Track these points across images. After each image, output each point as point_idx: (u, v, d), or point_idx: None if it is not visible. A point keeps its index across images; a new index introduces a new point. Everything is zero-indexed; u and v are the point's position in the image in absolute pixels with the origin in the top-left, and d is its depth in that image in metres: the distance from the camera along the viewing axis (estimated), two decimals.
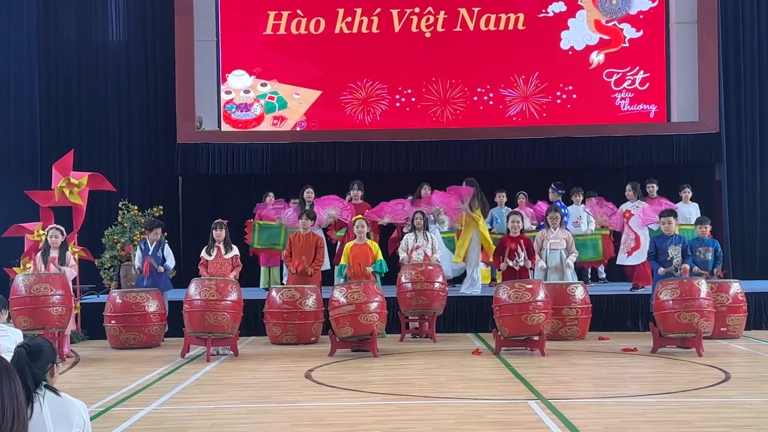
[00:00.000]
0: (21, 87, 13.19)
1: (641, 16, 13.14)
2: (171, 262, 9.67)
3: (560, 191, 11.05)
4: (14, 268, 9.77)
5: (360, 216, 9.39)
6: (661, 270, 8.63)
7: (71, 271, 8.73)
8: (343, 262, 9.16)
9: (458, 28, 13.07)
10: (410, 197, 10.97)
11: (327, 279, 10.86)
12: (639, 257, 10.54)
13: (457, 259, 10.38)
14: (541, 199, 11.42)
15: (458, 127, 13.04)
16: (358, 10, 13.08)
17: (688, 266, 8.60)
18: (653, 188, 11.37)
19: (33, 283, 8.27)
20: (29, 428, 2.83)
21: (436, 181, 12.40)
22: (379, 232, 10.87)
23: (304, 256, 9.42)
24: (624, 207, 10.88)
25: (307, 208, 10.87)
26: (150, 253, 9.52)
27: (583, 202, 11.09)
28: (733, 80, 13.00)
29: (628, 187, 10.97)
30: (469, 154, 12.85)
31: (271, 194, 11.63)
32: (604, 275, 12.28)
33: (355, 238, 9.28)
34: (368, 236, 9.28)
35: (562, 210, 10.41)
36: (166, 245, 9.69)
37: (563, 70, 13.10)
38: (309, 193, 11.37)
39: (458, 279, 11.12)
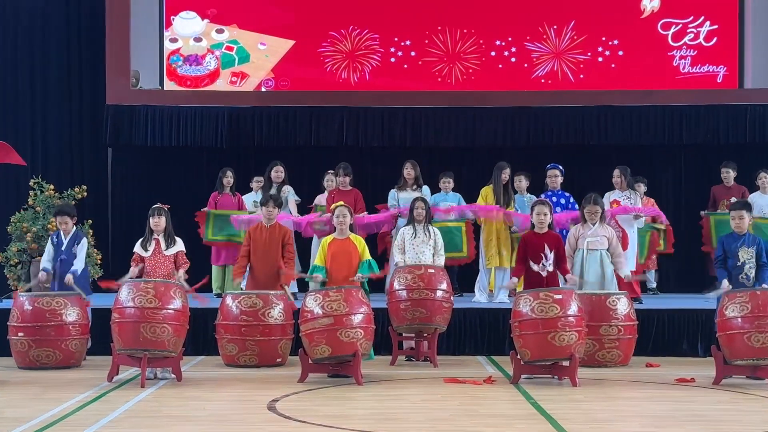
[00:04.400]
0: None
1: None
2: (80, 263, 9.56)
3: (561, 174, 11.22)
4: None
5: (341, 203, 9.28)
6: (725, 285, 8.57)
7: None
8: (317, 261, 9.05)
9: None
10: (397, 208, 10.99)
11: (301, 284, 10.88)
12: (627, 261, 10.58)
13: (491, 262, 10.70)
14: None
15: (470, 90, 13.02)
16: None
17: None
18: (729, 174, 11.48)
19: None
20: None
21: (441, 160, 12.59)
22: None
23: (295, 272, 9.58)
24: (611, 196, 11.02)
25: (273, 192, 10.93)
26: (63, 248, 9.52)
27: (629, 188, 11.18)
28: None
29: (617, 172, 11.09)
30: (483, 126, 12.88)
31: (230, 173, 11.69)
32: (654, 284, 12.39)
33: (335, 231, 9.19)
34: (351, 229, 9.16)
35: (572, 203, 10.75)
36: (84, 240, 9.70)
37: (606, 18, 13.12)
38: (278, 172, 11.47)
39: (469, 286, 11.26)
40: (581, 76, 13.16)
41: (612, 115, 12.87)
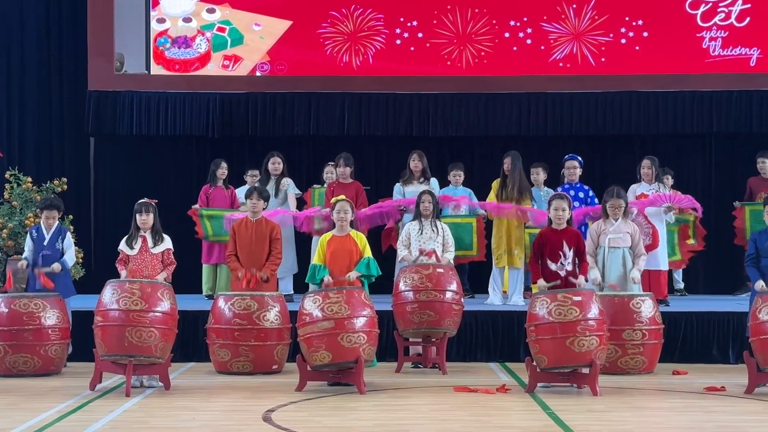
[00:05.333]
0: None
1: None
2: (71, 258, 9.66)
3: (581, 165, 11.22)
4: None
5: (342, 197, 9.30)
6: (760, 285, 8.61)
7: None
8: (316, 260, 9.02)
9: None
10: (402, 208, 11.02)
11: (298, 285, 10.95)
12: (656, 259, 10.63)
13: (500, 261, 10.72)
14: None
15: (482, 75, 13.01)
16: None
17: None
18: (766, 164, 11.52)
19: None
20: None
21: (451, 151, 12.72)
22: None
23: (255, 269, 9.48)
24: (637, 190, 11.02)
25: (271, 185, 11.05)
26: (46, 243, 9.54)
27: (658, 181, 11.21)
28: None
29: (646, 163, 11.11)
30: (496, 114, 12.89)
31: (223, 164, 11.72)
32: (681, 284, 12.39)
33: (334, 227, 9.21)
34: (352, 225, 9.21)
35: (591, 197, 10.79)
36: (68, 234, 9.72)
37: None
38: (275, 164, 11.46)
39: (482, 286, 11.28)
40: (603, 59, 13.12)
41: (636, 102, 12.88)
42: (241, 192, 11.60)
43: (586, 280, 8.95)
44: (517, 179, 10.76)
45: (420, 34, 13.17)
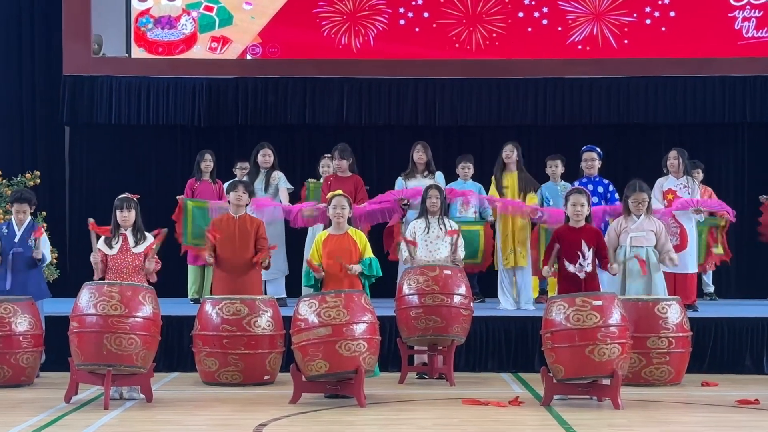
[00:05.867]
0: None
1: None
2: (47, 253, 9.71)
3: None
4: None
5: (339, 192, 9.29)
6: None
7: None
8: (311, 260, 9.06)
9: None
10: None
11: (291, 288, 11.00)
12: (684, 261, 10.57)
13: (508, 262, 10.82)
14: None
15: (494, 58, 13.02)
16: None
17: None
18: None
19: None
20: None
21: (459, 142, 12.91)
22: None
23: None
24: (664, 185, 11.02)
25: (261, 179, 10.98)
26: (17, 240, 9.57)
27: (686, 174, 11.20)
28: None
29: (674, 154, 11.08)
30: (509, 100, 12.90)
31: (209, 156, 11.72)
32: (711, 288, 12.43)
33: (330, 225, 9.22)
34: (350, 223, 9.21)
35: (611, 192, 10.86)
36: (43, 230, 9.74)
37: None
38: (265, 156, 11.38)
39: (493, 290, 11.27)
40: (625, 41, 13.12)
41: (661, 88, 12.91)
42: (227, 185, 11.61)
43: (609, 271, 9.09)
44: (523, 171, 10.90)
45: (426, 14, 13.14)
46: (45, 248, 9.70)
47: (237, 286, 9.51)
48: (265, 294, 10.36)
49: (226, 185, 11.15)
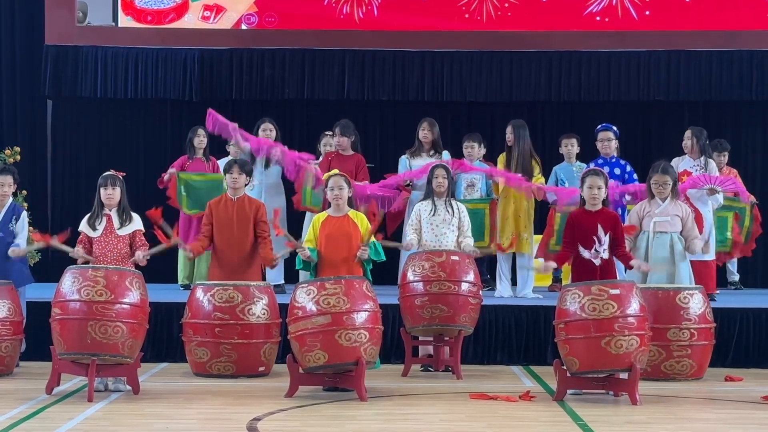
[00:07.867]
0: None
1: None
2: (23, 240, 9.62)
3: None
4: None
5: (336, 171, 9.25)
6: None
7: None
8: (306, 243, 9.01)
9: None
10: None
11: (289, 273, 10.90)
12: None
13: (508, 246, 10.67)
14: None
15: (506, 30, 12.96)
16: None
17: None
18: None
19: None
20: None
21: (468, 119, 12.86)
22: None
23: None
24: (680, 165, 10.88)
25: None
26: None
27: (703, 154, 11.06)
28: None
29: (688, 133, 10.99)
30: (522, 75, 12.84)
31: (202, 132, 11.59)
32: (736, 277, 12.36)
33: (329, 206, 9.09)
34: (350, 204, 9.11)
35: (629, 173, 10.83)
36: (24, 214, 9.70)
37: None
38: (266, 131, 11.23)
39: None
40: (647, 12, 13.02)
41: (685, 63, 12.86)
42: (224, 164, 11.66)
43: (632, 267, 8.95)
44: (521, 152, 10.80)
45: None
46: (21, 236, 9.56)
47: (235, 274, 9.44)
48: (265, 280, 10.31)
49: (221, 163, 11.16)
